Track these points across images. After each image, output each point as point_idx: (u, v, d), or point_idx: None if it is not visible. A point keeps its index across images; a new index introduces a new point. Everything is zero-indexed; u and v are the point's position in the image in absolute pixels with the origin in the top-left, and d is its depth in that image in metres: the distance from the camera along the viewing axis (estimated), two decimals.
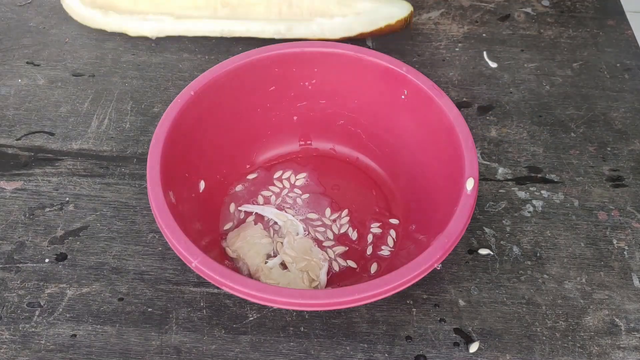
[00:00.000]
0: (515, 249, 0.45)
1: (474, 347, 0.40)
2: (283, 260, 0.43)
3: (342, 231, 0.46)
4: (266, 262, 0.43)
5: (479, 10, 0.64)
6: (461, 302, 0.42)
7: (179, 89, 0.55)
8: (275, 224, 0.46)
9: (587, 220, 0.47)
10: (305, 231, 0.45)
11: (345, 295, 0.34)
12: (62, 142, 0.51)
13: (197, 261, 0.35)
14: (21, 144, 0.51)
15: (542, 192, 0.49)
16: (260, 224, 0.45)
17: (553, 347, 0.40)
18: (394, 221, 0.46)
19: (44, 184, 0.48)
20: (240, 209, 0.47)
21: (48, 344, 0.40)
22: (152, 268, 0.44)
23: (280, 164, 0.49)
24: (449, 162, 0.41)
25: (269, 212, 0.46)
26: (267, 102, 0.47)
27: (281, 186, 0.48)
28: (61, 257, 0.44)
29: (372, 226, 0.46)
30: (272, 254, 0.44)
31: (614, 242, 0.46)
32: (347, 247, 0.45)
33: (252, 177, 0.48)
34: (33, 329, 0.41)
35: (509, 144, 0.52)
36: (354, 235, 0.45)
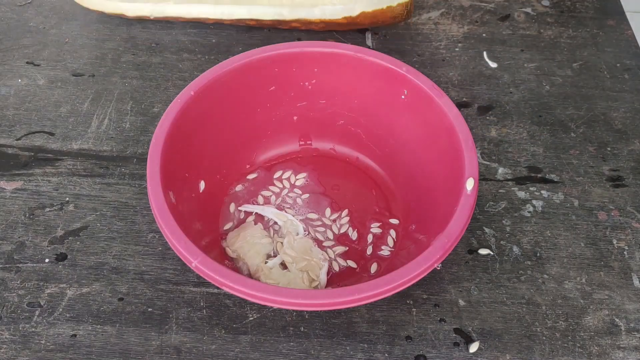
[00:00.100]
0: (515, 249, 0.45)
1: (474, 347, 0.40)
2: (283, 260, 0.43)
3: (342, 231, 0.46)
4: (266, 262, 0.43)
5: (479, 10, 0.64)
6: (461, 302, 0.42)
7: (179, 89, 0.55)
8: (275, 224, 0.46)
9: (587, 220, 0.47)
10: (305, 231, 0.45)
11: (345, 295, 0.34)
12: (62, 142, 0.51)
13: (197, 261, 0.35)
14: (21, 144, 0.51)
15: (542, 192, 0.49)
16: (260, 224, 0.45)
17: (553, 347, 0.40)
18: (394, 221, 0.46)
19: (44, 184, 0.48)
20: (240, 209, 0.47)
21: (48, 344, 0.40)
22: (152, 268, 0.44)
23: (280, 164, 0.49)
24: (449, 162, 0.41)
25: (269, 212, 0.46)
26: (267, 102, 0.47)
27: (281, 186, 0.48)
28: (61, 257, 0.44)
29: (372, 226, 0.46)
30: (272, 254, 0.44)
31: (614, 242, 0.46)
32: (347, 247, 0.45)
33: (252, 177, 0.48)
34: (33, 329, 0.41)
35: (509, 144, 0.52)
36: (354, 235, 0.45)
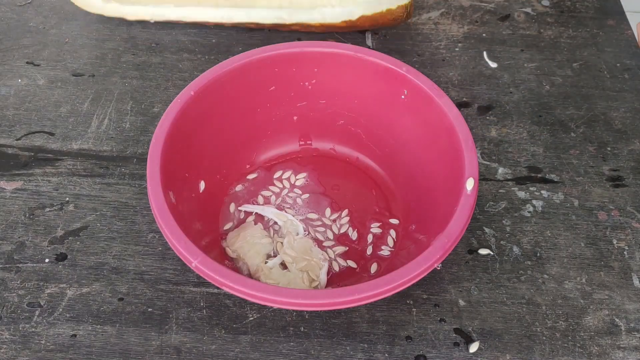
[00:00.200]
0: (515, 249, 0.45)
1: (474, 347, 0.40)
2: (283, 260, 0.43)
3: (342, 231, 0.46)
4: (266, 262, 0.43)
5: (479, 10, 0.64)
6: (461, 302, 0.42)
7: (179, 89, 0.55)
8: (275, 224, 0.46)
9: (587, 220, 0.47)
10: (305, 231, 0.45)
11: (345, 295, 0.34)
12: (62, 142, 0.51)
13: (197, 261, 0.35)
14: (21, 144, 0.51)
15: (542, 192, 0.49)
16: (260, 224, 0.45)
17: (553, 347, 0.40)
18: (394, 221, 0.46)
19: (44, 184, 0.48)
20: (240, 209, 0.47)
21: (48, 344, 0.40)
22: (152, 268, 0.44)
23: (280, 164, 0.49)
24: (449, 162, 0.41)
25: (269, 212, 0.46)
26: (267, 102, 0.47)
27: (281, 186, 0.48)
28: (61, 257, 0.44)
29: (372, 226, 0.46)
30: (272, 254, 0.44)
31: (614, 242, 0.46)
32: (347, 247, 0.45)
33: (252, 177, 0.48)
34: (33, 329, 0.41)
35: (509, 144, 0.52)
36: (354, 235, 0.45)
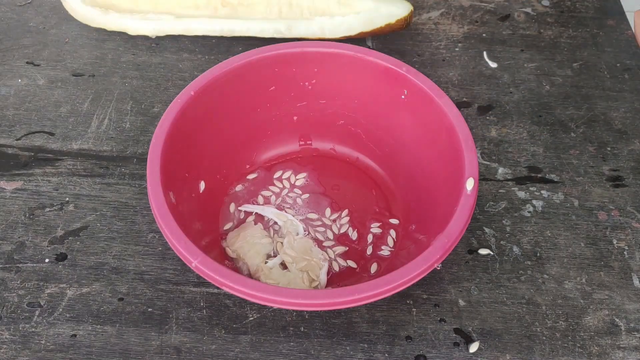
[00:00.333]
0: (515, 249, 0.45)
1: (474, 347, 0.40)
2: (283, 260, 0.43)
3: (342, 231, 0.46)
4: (266, 262, 0.43)
5: (479, 10, 0.64)
6: (461, 302, 0.42)
7: (179, 89, 0.55)
8: (275, 224, 0.46)
9: (587, 220, 0.47)
10: (305, 231, 0.45)
11: (345, 295, 0.34)
12: (62, 142, 0.51)
13: (197, 261, 0.35)
14: (21, 144, 0.51)
15: (542, 192, 0.49)
16: (260, 224, 0.45)
17: (553, 347, 0.40)
18: (394, 221, 0.46)
19: (44, 184, 0.48)
20: (240, 209, 0.47)
21: (48, 344, 0.40)
22: (152, 268, 0.44)
23: (280, 164, 0.49)
24: (449, 162, 0.41)
25: (269, 212, 0.46)
26: (267, 102, 0.47)
27: (281, 186, 0.48)
28: (61, 257, 0.44)
29: (372, 226, 0.46)
30: (272, 254, 0.44)
31: (614, 242, 0.46)
32: (347, 247, 0.45)
33: (252, 177, 0.48)
34: (33, 329, 0.41)
35: (509, 144, 0.52)
36: (354, 235, 0.45)
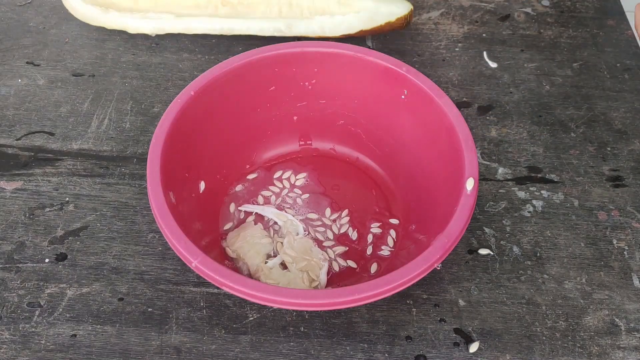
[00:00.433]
0: (515, 249, 0.45)
1: (474, 347, 0.40)
2: (283, 260, 0.43)
3: (342, 231, 0.46)
4: (266, 262, 0.43)
5: (479, 10, 0.64)
6: (461, 302, 0.42)
7: (179, 89, 0.55)
8: (275, 224, 0.46)
9: (587, 220, 0.47)
10: (305, 231, 0.45)
11: (345, 295, 0.34)
12: (62, 142, 0.51)
13: (197, 261, 0.35)
14: (21, 144, 0.51)
15: (542, 192, 0.49)
16: (260, 224, 0.45)
17: (553, 347, 0.40)
18: (394, 221, 0.46)
19: (44, 184, 0.48)
20: (240, 209, 0.47)
21: (48, 344, 0.40)
22: (152, 268, 0.44)
23: (280, 164, 0.49)
24: (449, 162, 0.41)
25: (269, 212, 0.46)
26: (267, 102, 0.47)
27: (281, 186, 0.48)
28: (61, 257, 0.44)
29: (372, 226, 0.46)
30: (272, 254, 0.44)
31: (614, 242, 0.46)
32: (347, 247, 0.45)
33: (252, 177, 0.48)
34: (33, 329, 0.41)
35: (509, 144, 0.52)
36: (354, 235, 0.45)
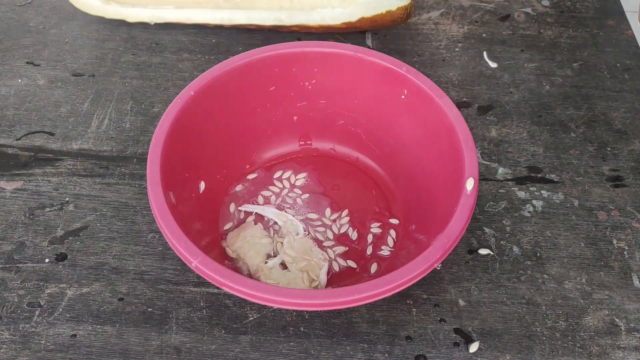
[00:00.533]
0: (515, 249, 0.45)
1: (474, 347, 0.40)
2: (283, 260, 0.43)
3: (342, 231, 0.46)
4: (266, 262, 0.43)
5: (479, 10, 0.64)
6: (461, 302, 0.42)
7: (179, 89, 0.55)
8: (275, 224, 0.46)
9: (587, 220, 0.47)
10: (305, 231, 0.45)
11: (345, 295, 0.34)
12: (62, 142, 0.51)
13: (197, 261, 0.35)
14: (21, 144, 0.51)
15: (542, 192, 0.49)
16: (260, 224, 0.45)
17: (553, 347, 0.40)
18: (394, 221, 0.46)
19: (44, 184, 0.48)
20: (240, 209, 0.47)
21: (48, 344, 0.40)
22: (152, 268, 0.44)
23: (280, 164, 0.49)
24: (449, 162, 0.41)
25: (269, 212, 0.46)
26: (267, 102, 0.47)
27: (281, 186, 0.48)
28: (61, 257, 0.44)
29: (372, 226, 0.46)
30: (272, 254, 0.44)
31: (614, 242, 0.46)
32: (347, 247, 0.45)
33: (252, 177, 0.48)
34: (33, 329, 0.41)
35: (509, 144, 0.52)
36: (354, 235, 0.45)
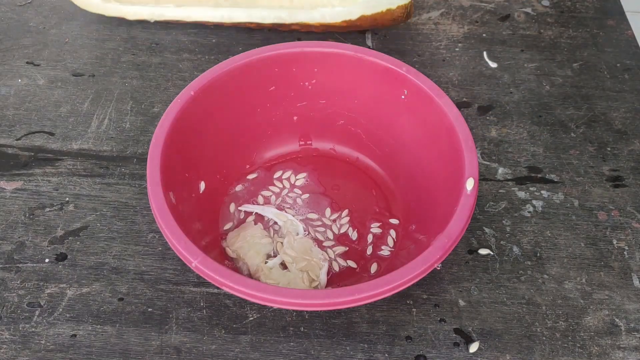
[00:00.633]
0: (515, 249, 0.45)
1: (474, 347, 0.40)
2: (283, 260, 0.43)
3: (342, 231, 0.46)
4: (266, 262, 0.43)
5: (479, 10, 0.64)
6: (461, 302, 0.42)
7: (179, 89, 0.55)
8: (275, 224, 0.46)
9: (587, 220, 0.47)
10: (305, 231, 0.45)
11: (345, 295, 0.34)
12: (62, 142, 0.51)
13: (197, 261, 0.35)
14: (21, 144, 0.51)
15: (542, 192, 0.49)
16: (260, 224, 0.45)
17: (553, 347, 0.40)
18: (394, 221, 0.46)
19: (44, 184, 0.48)
20: (240, 209, 0.47)
21: (48, 344, 0.40)
22: (152, 268, 0.44)
23: (280, 164, 0.49)
24: (449, 162, 0.41)
25: (269, 212, 0.46)
26: (267, 102, 0.47)
27: (281, 186, 0.48)
28: (61, 257, 0.44)
29: (372, 226, 0.46)
30: (272, 254, 0.44)
31: (614, 242, 0.46)
32: (347, 247, 0.45)
33: (252, 177, 0.48)
34: (33, 329, 0.41)
35: (509, 144, 0.52)
36: (354, 235, 0.45)
